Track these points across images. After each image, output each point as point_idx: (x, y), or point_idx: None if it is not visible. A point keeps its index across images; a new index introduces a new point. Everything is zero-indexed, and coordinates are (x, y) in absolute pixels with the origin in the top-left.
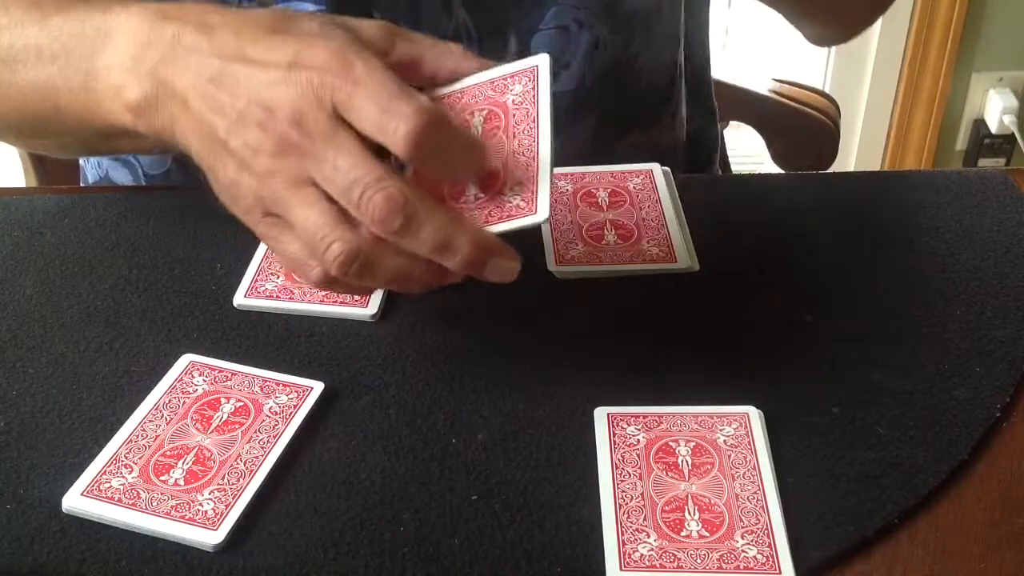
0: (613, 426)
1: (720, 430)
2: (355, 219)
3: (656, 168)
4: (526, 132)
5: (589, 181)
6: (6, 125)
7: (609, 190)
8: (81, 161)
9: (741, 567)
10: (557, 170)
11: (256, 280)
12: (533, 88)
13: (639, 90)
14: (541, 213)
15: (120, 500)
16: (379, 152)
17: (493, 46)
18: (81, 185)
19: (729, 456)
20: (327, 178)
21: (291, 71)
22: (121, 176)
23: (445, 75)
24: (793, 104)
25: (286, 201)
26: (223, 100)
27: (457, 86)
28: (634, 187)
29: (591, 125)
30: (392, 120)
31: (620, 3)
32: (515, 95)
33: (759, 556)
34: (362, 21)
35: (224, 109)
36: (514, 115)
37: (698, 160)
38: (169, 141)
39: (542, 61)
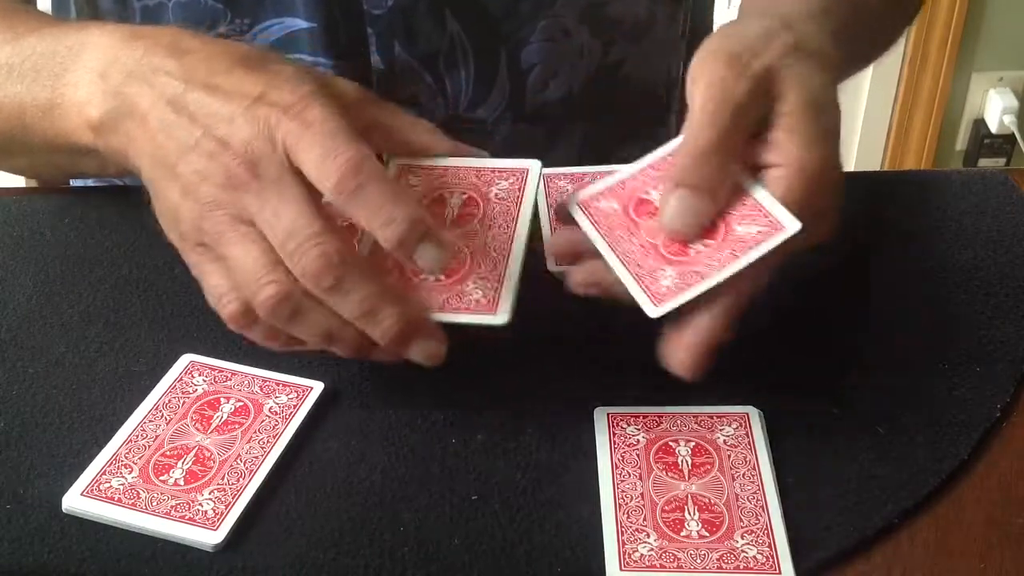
0: (613, 426)
1: (720, 430)
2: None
3: None
4: (502, 229)
5: (588, 182)
6: None
7: None
8: None
9: (741, 567)
10: (554, 169)
11: None
12: (519, 189)
13: (631, 99)
14: (501, 315)
15: (120, 500)
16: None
17: (485, 59)
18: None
19: (729, 456)
20: (267, 222)
21: (252, 107)
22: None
23: (416, 148)
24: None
25: (224, 235)
26: (180, 125)
27: (441, 162)
28: None
29: (580, 135)
30: (326, 162)
31: (602, 10)
32: (499, 190)
33: (759, 556)
34: (338, 79)
35: (178, 133)
36: (494, 208)
37: None
38: (123, 161)
39: (533, 166)
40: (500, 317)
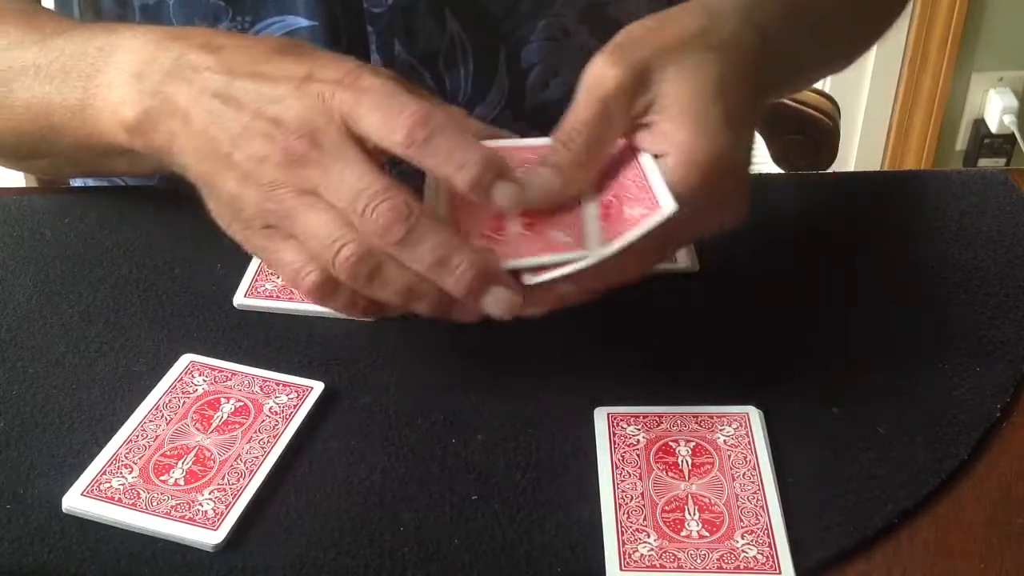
0: (613, 426)
1: (720, 430)
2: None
3: None
4: None
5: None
6: (1, 146)
7: None
8: None
9: (741, 567)
10: None
11: (256, 280)
12: None
13: None
14: (592, 251)
15: (120, 500)
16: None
17: (485, 57)
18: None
19: (729, 456)
20: (333, 188)
21: (302, 85)
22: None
23: None
24: (793, 104)
25: (293, 209)
26: (228, 114)
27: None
28: None
29: None
30: (391, 119)
31: (604, 11)
32: None
33: (759, 556)
34: (371, 66)
35: (228, 123)
36: None
37: None
38: (166, 159)
39: None
40: (589, 253)
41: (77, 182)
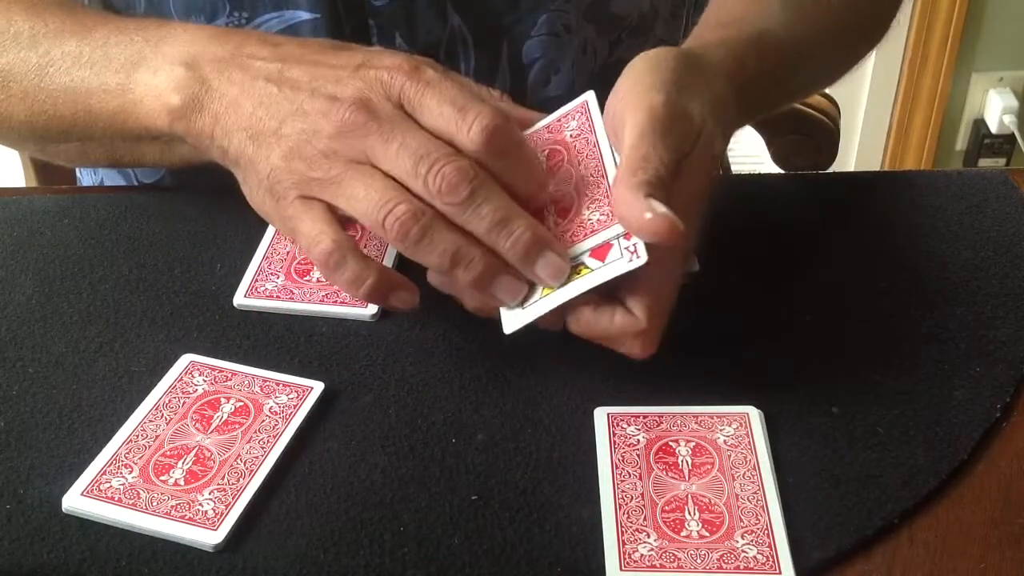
0: (613, 426)
1: (720, 430)
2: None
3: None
4: (590, 156)
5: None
6: (31, 130)
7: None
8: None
9: (741, 567)
10: None
11: (256, 280)
12: (587, 120)
13: None
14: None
15: (120, 500)
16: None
17: (486, 51)
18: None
19: (729, 456)
20: (392, 156)
21: (358, 71)
22: (117, 182)
23: None
24: (793, 104)
25: (341, 176)
26: (281, 95)
27: None
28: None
29: None
30: (468, 116)
31: (606, 7)
32: (571, 130)
33: (759, 556)
34: (423, 58)
35: (282, 103)
36: (575, 146)
37: None
38: (205, 143)
39: (590, 96)
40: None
41: (85, 180)
